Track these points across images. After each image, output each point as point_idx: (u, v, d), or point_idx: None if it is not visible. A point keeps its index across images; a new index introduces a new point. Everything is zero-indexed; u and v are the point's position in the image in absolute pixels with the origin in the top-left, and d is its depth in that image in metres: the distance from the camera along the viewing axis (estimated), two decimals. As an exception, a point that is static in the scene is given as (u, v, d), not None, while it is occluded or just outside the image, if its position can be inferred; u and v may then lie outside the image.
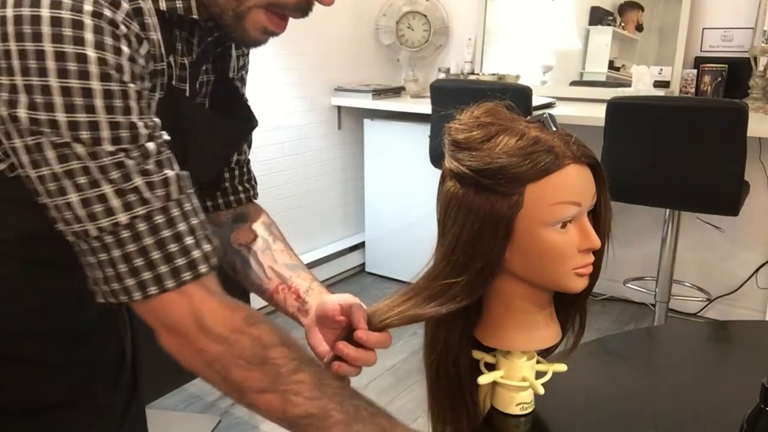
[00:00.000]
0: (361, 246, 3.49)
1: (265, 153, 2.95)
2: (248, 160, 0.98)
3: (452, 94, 2.53)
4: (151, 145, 0.64)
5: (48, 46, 0.58)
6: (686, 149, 2.13)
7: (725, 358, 1.11)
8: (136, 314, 0.68)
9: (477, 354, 0.83)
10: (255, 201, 0.98)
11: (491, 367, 0.83)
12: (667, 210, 2.53)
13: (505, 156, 0.71)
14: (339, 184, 3.43)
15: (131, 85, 0.63)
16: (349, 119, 3.40)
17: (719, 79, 2.78)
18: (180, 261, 0.65)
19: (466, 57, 3.36)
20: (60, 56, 0.58)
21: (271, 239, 0.94)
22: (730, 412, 0.76)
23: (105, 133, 0.61)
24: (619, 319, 2.96)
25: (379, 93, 3.23)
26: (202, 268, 0.66)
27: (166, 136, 0.67)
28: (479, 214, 0.72)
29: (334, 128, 3.35)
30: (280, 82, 3.00)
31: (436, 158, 2.65)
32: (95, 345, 0.86)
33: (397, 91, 3.34)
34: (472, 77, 3.23)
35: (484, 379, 0.80)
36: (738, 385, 0.92)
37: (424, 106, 2.83)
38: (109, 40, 0.60)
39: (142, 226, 0.63)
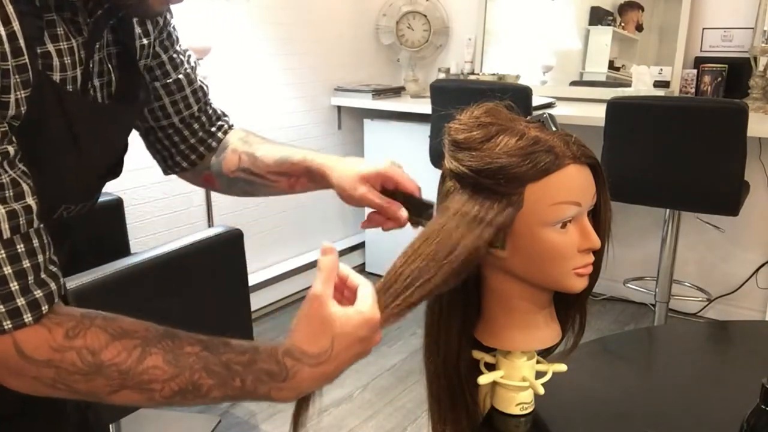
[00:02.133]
0: (361, 246, 3.49)
1: (265, 153, 2.95)
2: (204, 105, 0.97)
3: (452, 94, 2.53)
4: None
5: None
6: (686, 149, 2.13)
7: (725, 358, 1.11)
8: None
9: (477, 354, 0.83)
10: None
11: (491, 367, 0.83)
12: (667, 210, 2.53)
13: (505, 156, 0.71)
14: (339, 184, 3.43)
15: None
16: (349, 119, 3.40)
17: (719, 79, 2.78)
18: (3, 308, 0.60)
19: (466, 57, 3.36)
20: None
21: (253, 148, 0.96)
22: (730, 412, 0.76)
23: None
24: (619, 319, 2.96)
25: (379, 93, 3.23)
26: (27, 317, 0.61)
27: (10, 149, 0.61)
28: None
29: (334, 128, 3.35)
30: (280, 82, 3.00)
31: (436, 158, 2.65)
32: None
33: (397, 91, 3.34)
34: (472, 77, 3.24)
35: (484, 379, 0.80)
36: (738, 385, 0.92)
37: (424, 106, 2.83)
38: None
39: None
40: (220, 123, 1.00)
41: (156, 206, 2.54)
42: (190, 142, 0.96)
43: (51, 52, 0.67)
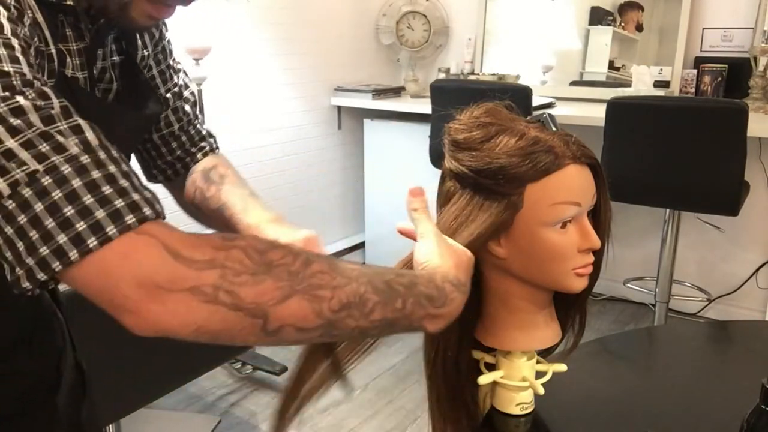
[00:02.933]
0: (361, 246, 3.49)
1: (265, 153, 2.95)
2: (186, 125, 0.96)
3: (452, 94, 2.53)
4: (49, 91, 0.56)
5: None
6: (686, 149, 2.13)
7: (725, 358, 1.11)
8: (82, 327, 0.61)
9: (477, 354, 0.84)
10: (212, 154, 0.99)
11: (491, 367, 0.83)
12: (667, 210, 2.53)
13: (504, 156, 0.71)
14: (339, 184, 3.43)
15: (14, 39, 0.57)
16: (349, 119, 3.40)
17: (719, 79, 2.78)
18: (124, 201, 0.53)
19: (466, 57, 3.36)
20: None
21: (210, 186, 0.93)
22: (730, 412, 0.76)
23: None
24: (619, 319, 2.96)
25: (379, 93, 3.23)
26: (151, 210, 0.54)
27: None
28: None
29: (334, 128, 3.35)
30: (280, 82, 3.00)
31: (436, 158, 2.65)
32: (32, 357, 0.83)
33: (397, 91, 3.34)
34: (472, 77, 3.24)
35: (484, 379, 0.80)
36: (738, 385, 0.92)
37: (424, 106, 2.83)
38: None
39: (65, 169, 0.52)
40: (202, 144, 0.99)
41: (156, 206, 2.54)
42: (167, 159, 0.96)
43: (63, 50, 0.68)
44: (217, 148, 1.01)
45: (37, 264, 0.51)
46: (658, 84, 2.86)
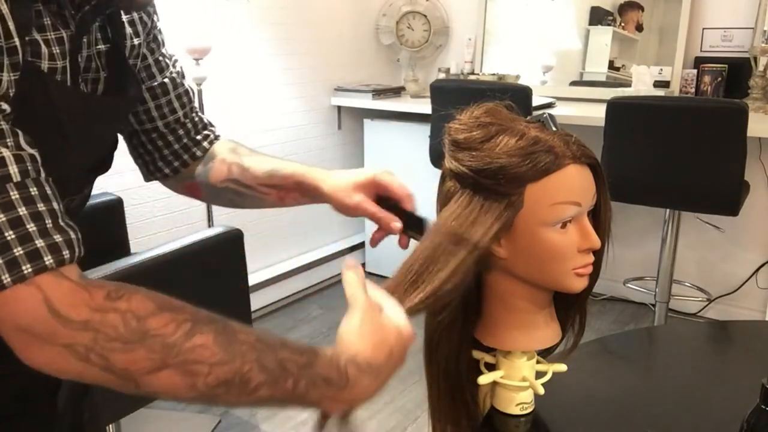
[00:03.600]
0: (361, 246, 3.49)
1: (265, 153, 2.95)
2: (190, 112, 0.96)
3: (452, 94, 2.53)
4: None
5: None
6: (686, 149, 2.13)
7: (725, 358, 1.11)
8: None
9: (477, 354, 0.83)
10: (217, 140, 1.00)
11: (491, 367, 0.83)
12: (667, 210, 2.53)
13: (505, 156, 0.71)
14: (339, 184, 3.43)
15: None
16: (349, 119, 3.40)
17: (719, 79, 2.78)
18: (23, 249, 0.54)
19: (466, 57, 3.36)
20: None
21: (243, 159, 0.95)
22: (730, 412, 0.76)
23: None
24: (619, 319, 2.96)
25: (379, 93, 3.23)
26: (48, 260, 0.55)
27: (4, 106, 0.59)
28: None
29: (334, 128, 3.35)
30: (280, 82, 3.00)
31: (436, 158, 2.65)
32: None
33: (397, 91, 3.34)
34: (472, 77, 3.24)
35: (484, 379, 0.80)
36: (738, 385, 0.92)
37: (424, 106, 2.83)
38: None
39: None
40: (206, 132, 0.98)
41: (156, 206, 2.54)
42: (174, 147, 0.95)
43: (38, 40, 0.66)
44: (219, 135, 1.01)
45: None
46: (658, 84, 2.86)
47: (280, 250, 3.13)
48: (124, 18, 0.83)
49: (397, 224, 0.85)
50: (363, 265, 3.49)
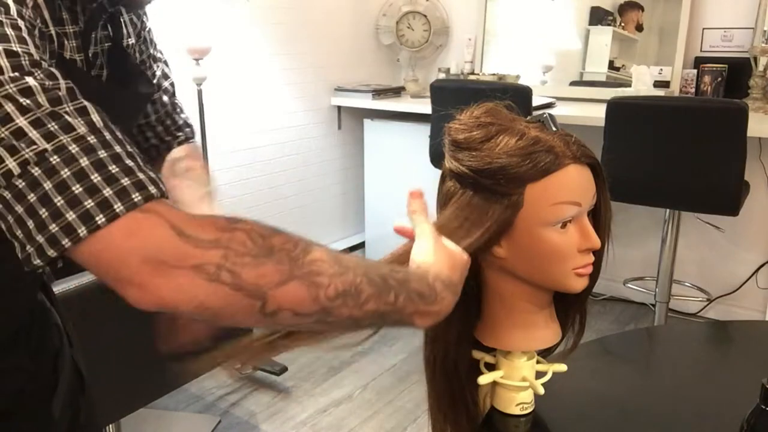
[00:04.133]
0: (361, 246, 3.49)
1: (265, 153, 2.95)
2: (164, 116, 0.98)
3: (452, 94, 2.53)
4: (56, 72, 0.58)
5: None
6: (686, 149, 2.13)
7: (725, 358, 1.11)
8: (76, 328, 0.61)
9: (477, 354, 0.84)
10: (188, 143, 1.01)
11: (491, 367, 0.83)
12: (667, 210, 2.53)
13: (505, 156, 0.71)
14: (339, 184, 3.43)
15: (20, 20, 0.58)
16: (349, 119, 3.40)
17: (719, 79, 2.78)
18: (130, 179, 0.54)
19: (466, 57, 3.36)
20: None
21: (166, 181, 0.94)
22: (730, 412, 0.76)
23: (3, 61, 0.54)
24: (619, 319, 2.96)
25: (379, 93, 3.23)
26: (155, 189, 0.56)
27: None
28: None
29: (334, 128, 3.35)
30: (281, 82, 3.00)
31: (436, 158, 2.65)
32: (29, 354, 0.82)
33: (397, 91, 3.34)
34: (472, 77, 3.23)
35: (484, 379, 0.80)
36: (738, 385, 0.92)
37: (424, 106, 2.83)
38: None
39: (73, 148, 0.54)
40: (178, 134, 1.00)
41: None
42: (142, 147, 0.97)
43: (60, 33, 0.69)
44: (193, 137, 1.02)
45: (47, 241, 0.53)
46: (658, 84, 2.86)
47: (280, 250, 3.13)
48: (125, 17, 0.84)
49: None
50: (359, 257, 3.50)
